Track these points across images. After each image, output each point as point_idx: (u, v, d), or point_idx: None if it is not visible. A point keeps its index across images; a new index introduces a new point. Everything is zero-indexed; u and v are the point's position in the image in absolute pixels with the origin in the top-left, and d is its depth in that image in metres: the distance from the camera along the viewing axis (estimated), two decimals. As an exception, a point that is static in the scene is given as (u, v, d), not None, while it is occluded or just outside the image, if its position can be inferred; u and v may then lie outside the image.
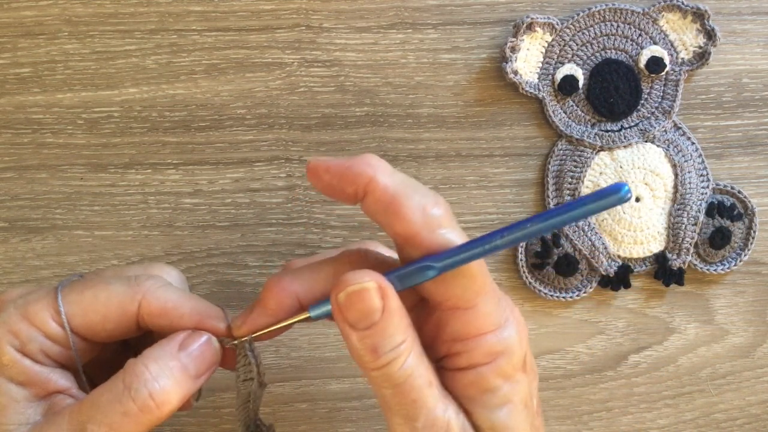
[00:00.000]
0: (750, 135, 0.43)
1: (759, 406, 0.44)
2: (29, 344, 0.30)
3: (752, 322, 0.44)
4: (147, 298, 0.30)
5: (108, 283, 0.30)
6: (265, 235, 0.42)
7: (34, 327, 0.30)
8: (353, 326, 0.28)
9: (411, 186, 0.28)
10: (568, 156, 0.43)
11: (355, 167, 0.28)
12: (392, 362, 0.28)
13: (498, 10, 0.42)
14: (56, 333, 0.30)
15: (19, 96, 0.42)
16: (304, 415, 0.43)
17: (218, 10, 0.42)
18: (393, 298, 0.28)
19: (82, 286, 0.30)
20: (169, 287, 0.31)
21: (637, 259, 0.43)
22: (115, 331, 0.31)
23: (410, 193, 0.28)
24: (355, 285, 0.27)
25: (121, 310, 0.30)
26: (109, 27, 0.42)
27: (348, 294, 0.27)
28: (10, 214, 0.42)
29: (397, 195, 0.28)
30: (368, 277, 0.27)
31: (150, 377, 0.28)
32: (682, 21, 0.43)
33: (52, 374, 0.30)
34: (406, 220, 0.27)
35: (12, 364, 0.29)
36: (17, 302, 0.30)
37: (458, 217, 0.43)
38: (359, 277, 0.27)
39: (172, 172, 0.42)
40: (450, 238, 0.28)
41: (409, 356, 0.28)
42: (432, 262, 0.27)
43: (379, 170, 0.28)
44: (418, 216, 0.27)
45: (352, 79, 0.42)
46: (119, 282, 0.31)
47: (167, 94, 0.42)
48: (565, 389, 0.44)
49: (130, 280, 0.31)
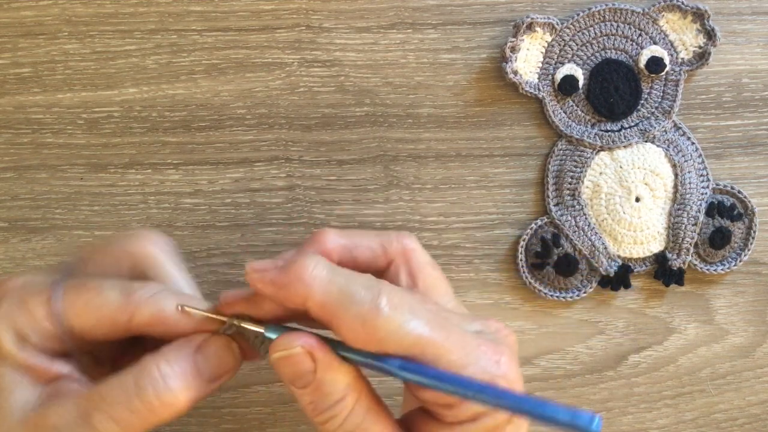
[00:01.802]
0: (750, 135, 0.43)
1: (759, 406, 0.44)
2: (28, 337, 0.30)
3: (752, 322, 0.44)
4: (140, 310, 0.30)
5: (103, 289, 0.30)
6: (265, 235, 0.42)
7: (31, 321, 0.30)
8: (291, 384, 0.28)
9: (348, 296, 0.27)
10: (568, 156, 0.43)
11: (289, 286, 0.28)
12: (331, 420, 0.28)
13: (498, 10, 0.42)
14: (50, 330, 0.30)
15: (19, 96, 0.42)
16: (304, 415, 0.42)
17: (218, 10, 0.42)
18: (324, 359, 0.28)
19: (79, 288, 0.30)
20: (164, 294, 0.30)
21: (637, 259, 0.43)
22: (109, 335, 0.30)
23: (348, 304, 0.27)
24: (281, 351, 0.28)
25: (111, 319, 0.30)
26: (109, 27, 0.42)
27: (277, 359, 0.28)
28: (10, 214, 0.42)
29: (335, 312, 0.27)
30: (298, 342, 0.28)
31: (159, 377, 0.28)
32: (682, 21, 0.43)
33: (53, 362, 0.30)
34: (351, 334, 0.27)
35: (12, 353, 0.29)
36: (18, 293, 0.30)
37: (458, 217, 0.43)
38: (288, 342, 0.28)
39: (172, 172, 0.42)
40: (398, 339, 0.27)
41: (352, 411, 0.28)
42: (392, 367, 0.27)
43: (313, 286, 0.27)
44: (360, 328, 0.27)
45: (352, 79, 0.42)
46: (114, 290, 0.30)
47: (167, 94, 0.42)
48: (565, 389, 0.44)
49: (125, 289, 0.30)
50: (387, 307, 0.27)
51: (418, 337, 0.27)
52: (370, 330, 0.27)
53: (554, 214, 0.43)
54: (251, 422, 0.43)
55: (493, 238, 0.43)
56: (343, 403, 0.28)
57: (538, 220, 0.43)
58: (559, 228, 0.42)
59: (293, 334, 0.28)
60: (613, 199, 0.42)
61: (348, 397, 0.28)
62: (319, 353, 0.28)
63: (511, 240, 0.43)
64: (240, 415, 0.43)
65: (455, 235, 0.43)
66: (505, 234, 0.43)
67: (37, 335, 0.30)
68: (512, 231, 0.43)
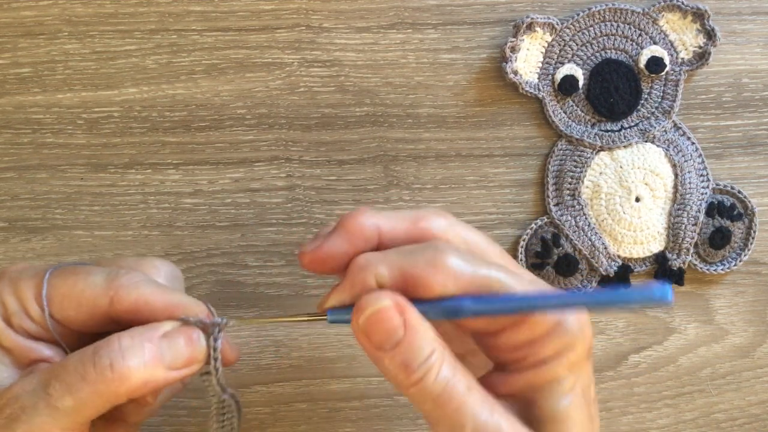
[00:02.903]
0: (750, 135, 0.43)
1: (759, 406, 0.44)
2: (13, 317, 0.30)
3: (752, 322, 0.44)
4: (119, 294, 0.30)
5: (89, 274, 0.30)
6: (265, 235, 0.42)
7: (19, 302, 0.30)
8: (380, 348, 0.28)
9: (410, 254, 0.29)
10: (568, 156, 0.43)
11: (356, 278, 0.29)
12: (426, 375, 0.28)
13: (498, 10, 0.42)
14: (36, 314, 0.30)
15: (19, 96, 0.42)
16: (304, 415, 0.43)
17: (218, 10, 0.42)
18: (412, 313, 0.28)
19: (68, 272, 0.31)
20: (146, 282, 0.30)
21: (637, 259, 0.43)
22: (88, 321, 0.31)
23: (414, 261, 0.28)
24: (371, 307, 0.28)
25: (92, 302, 0.30)
26: (109, 27, 0.42)
27: (367, 317, 0.28)
28: (10, 214, 0.42)
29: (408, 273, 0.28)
30: (384, 296, 0.28)
31: (117, 348, 0.28)
32: (682, 21, 0.43)
33: (35, 345, 0.31)
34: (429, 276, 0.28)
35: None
36: (12, 275, 0.31)
37: (458, 217, 0.42)
38: (375, 299, 0.28)
39: (172, 172, 0.42)
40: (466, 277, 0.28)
41: (442, 366, 0.28)
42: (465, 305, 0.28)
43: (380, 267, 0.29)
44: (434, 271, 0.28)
45: (352, 79, 0.42)
46: (100, 274, 0.30)
47: (167, 94, 0.42)
48: (565, 389, 0.44)
49: (110, 274, 0.30)
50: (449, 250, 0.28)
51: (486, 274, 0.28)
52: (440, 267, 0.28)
53: (554, 214, 0.43)
54: (251, 422, 0.43)
55: (493, 238, 0.43)
56: (435, 354, 0.28)
57: (538, 220, 0.43)
58: (559, 228, 0.42)
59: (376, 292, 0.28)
60: (613, 199, 0.42)
61: (437, 351, 0.28)
62: (406, 306, 0.28)
63: (511, 240, 0.43)
64: (240, 415, 0.43)
65: (455, 235, 0.43)
66: (505, 234, 0.43)
67: (23, 317, 0.30)
68: (512, 231, 0.43)
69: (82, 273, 0.31)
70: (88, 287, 0.30)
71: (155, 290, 0.30)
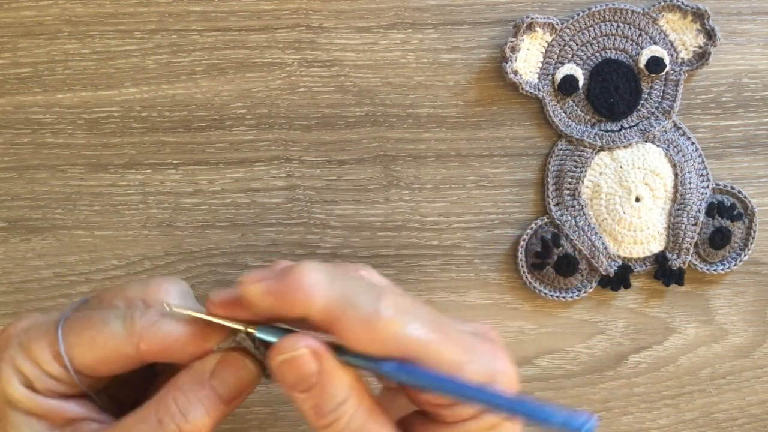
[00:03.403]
0: (750, 135, 0.43)
1: (759, 406, 0.44)
2: (36, 382, 0.29)
3: (752, 322, 0.44)
4: (144, 340, 0.29)
5: (105, 324, 0.30)
6: (265, 235, 0.42)
7: (37, 366, 0.29)
8: (293, 389, 0.28)
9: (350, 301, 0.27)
10: (568, 156, 0.43)
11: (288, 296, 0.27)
12: (336, 422, 0.28)
13: (498, 10, 0.42)
14: (57, 373, 0.29)
15: (19, 96, 0.42)
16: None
17: (218, 10, 0.42)
18: (329, 360, 0.27)
19: (81, 326, 0.30)
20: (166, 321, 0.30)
21: (637, 259, 0.43)
22: (118, 369, 0.30)
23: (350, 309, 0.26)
24: (287, 354, 0.27)
25: (118, 353, 0.29)
26: (109, 27, 0.42)
27: (281, 361, 0.27)
28: (10, 214, 0.42)
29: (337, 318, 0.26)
30: (302, 343, 0.27)
31: (177, 411, 0.28)
32: (682, 21, 0.43)
33: (67, 405, 0.30)
34: (353, 338, 0.27)
35: (25, 400, 0.29)
36: (21, 338, 0.30)
37: (458, 217, 0.43)
38: (292, 345, 0.27)
39: (172, 172, 0.42)
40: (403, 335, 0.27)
41: (354, 413, 0.28)
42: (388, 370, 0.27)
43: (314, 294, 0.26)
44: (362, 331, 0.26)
45: (352, 79, 0.42)
46: (116, 322, 0.29)
47: (167, 94, 0.42)
48: (565, 389, 0.44)
49: (126, 320, 0.29)
50: (388, 310, 0.27)
51: (418, 338, 0.27)
52: (372, 333, 0.26)
53: (554, 214, 0.43)
54: (251, 422, 0.43)
55: (493, 238, 0.43)
56: (346, 404, 0.28)
57: (538, 220, 0.43)
58: (559, 228, 0.42)
59: (295, 336, 0.28)
60: (613, 199, 0.42)
61: (351, 399, 0.28)
62: (324, 354, 0.27)
63: (511, 240, 0.43)
64: (240, 415, 0.43)
65: (455, 235, 0.43)
66: (505, 234, 0.43)
67: (44, 380, 0.29)
68: (512, 231, 0.43)
69: (97, 324, 0.30)
70: (109, 339, 0.29)
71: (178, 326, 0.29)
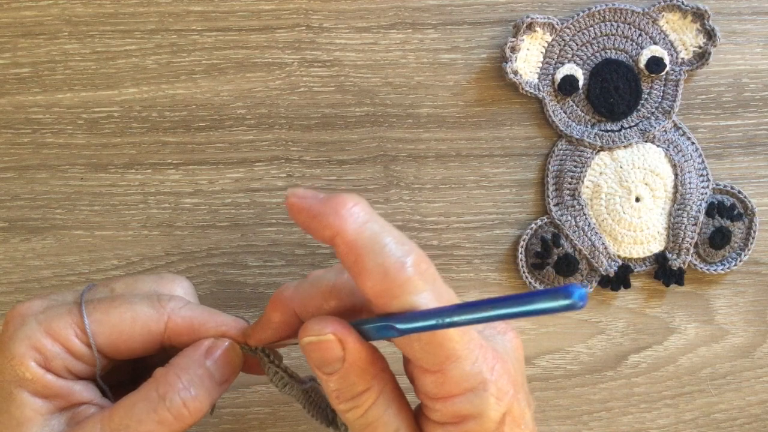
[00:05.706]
0: (750, 135, 0.43)
1: (759, 406, 0.44)
2: (53, 360, 0.30)
3: (752, 322, 0.44)
4: (173, 319, 0.31)
5: (132, 303, 0.31)
6: (265, 235, 0.42)
7: (58, 343, 0.30)
8: (318, 368, 0.28)
9: (379, 243, 0.26)
10: (568, 156, 0.43)
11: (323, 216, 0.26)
12: (352, 410, 0.28)
13: (498, 10, 0.42)
14: (80, 350, 0.30)
15: (19, 96, 0.42)
16: (304, 415, 0.42)
17: (218, 10, 0.42)
18: (353, 350, 0.27)
19: (107, 305, 0.31)
20: (191, 306, 0.32)
21: (637, 259, 0.43)
22: (139, 350, 0.31)
23: (377, 251, 0.26)
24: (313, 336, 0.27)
25: (146, 330, 0.30)
26: (109, 27, 0.42)
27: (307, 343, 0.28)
28: (10, 214, 0.42)
29: (361, 255, 0.26)
30: (329, 328, 0.27)
31: (182, 387, 0.29)
32: (682, 21, 0.43)
33: (74, 386, 0.30)
34: (369, 283, 0.26)
35: (35, 379, 0.29)
36: (39, 317, 0.30)
37: (458, 217, 0.43)
38: (320, 328, 0.27)
39: (172, 172, 0.42)
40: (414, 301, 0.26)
41: (371, 406, 0.28)
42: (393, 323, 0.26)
43: (347, 222, 0.26)
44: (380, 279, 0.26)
45: (352, 79, 0.42)
46: (144, 302, 0.31)
47: (167, 94, 0.42)
48: (565, 389, 0.44)
49: (154, 301, 0.31)
50: (412, 268, 0.26)
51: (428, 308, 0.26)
52: (388, 284, 0.26)
53: (554, 214, 0.43)
54: (251, 422, 0.43)
55: (493, 238, 0.43)
56: (367, 394, 0.28)
57: (538, 220, 0.43)
58: (559, 228, 0.42)
59: (324, 320, 0.28)
60: (613, 199, 0.42)
61: (373, 389, 0.28)
62: (350, 342, 0.27)
63: (511, 240, 0.43)
64: (240, 415, 0.43)
65: (455, 235, 0.43)
66: (505, 234, 0.43)
67: (61, 359, 0.30)
68: (512, 231, 0.43)
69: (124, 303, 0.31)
70: (138, 317, 0.30)
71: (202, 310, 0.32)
